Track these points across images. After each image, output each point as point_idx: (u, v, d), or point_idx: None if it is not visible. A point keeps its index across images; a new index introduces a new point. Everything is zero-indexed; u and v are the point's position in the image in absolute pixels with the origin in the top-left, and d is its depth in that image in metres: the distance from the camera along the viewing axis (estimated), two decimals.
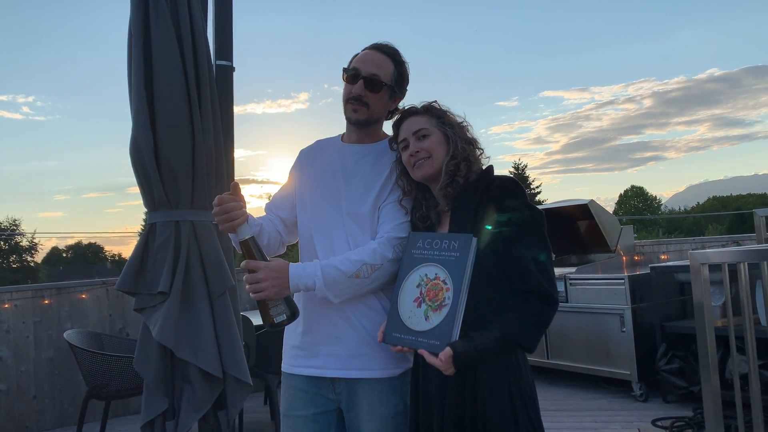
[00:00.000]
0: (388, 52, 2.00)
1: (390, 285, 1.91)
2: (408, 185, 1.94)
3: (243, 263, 1.79)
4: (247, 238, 1.79)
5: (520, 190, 1.77)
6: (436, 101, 1.94)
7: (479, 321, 1.66)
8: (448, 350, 1.61)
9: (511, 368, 1.71)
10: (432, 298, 1.70)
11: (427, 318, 1.69)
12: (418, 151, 1.86)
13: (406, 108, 1.97)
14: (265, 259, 1.80)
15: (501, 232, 1.70)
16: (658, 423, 4.28)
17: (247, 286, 1.78)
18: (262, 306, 1.78)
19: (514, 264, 1.69)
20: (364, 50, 2.02)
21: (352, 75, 1.96)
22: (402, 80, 2.03)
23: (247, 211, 1.90)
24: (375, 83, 1.95)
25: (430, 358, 1.63)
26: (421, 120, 1.89)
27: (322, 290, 1.80)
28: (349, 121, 2.01)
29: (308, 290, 1.81)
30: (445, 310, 1.66)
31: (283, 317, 1.78)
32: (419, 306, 1.72)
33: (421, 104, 1.94)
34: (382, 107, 2.00)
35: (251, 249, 1.79)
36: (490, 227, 1.71)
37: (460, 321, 1.63)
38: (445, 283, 1.68)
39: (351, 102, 1.96)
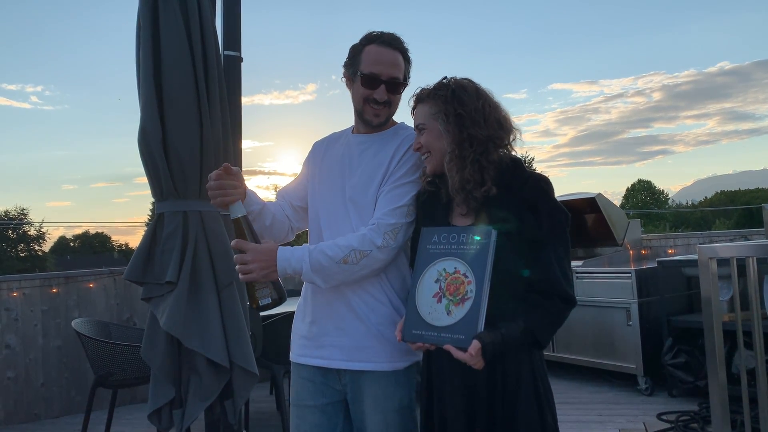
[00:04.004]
0: (398, 48, 1.96)
1: (391, 272, 1.92)
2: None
3: (233, 242, 1.78)
4: (239, 216, 1.79)
5: (552, 190, 1.75)
6: (446, 77, 1.82)
7: (498, 317, 1.64)
8: (476, 343, 1.57)
9: (536, 364, 1.72)
10: (453, 293, 1.65)
11: (449, 313, 1.65)
12: (419, 147, 1.84)
13: (416, 92, 1.87)
14: (256, 241, 1.79)
15: (531, 233, 1.69)
16: (664, 417, 4.27)
17: (236, 267, 1.77)
18: (249, 288, 1.79)
19: (539, 266, 1.68)
20: (369, 45, 1.95)
21: (371, 79, 1.92)
22: (408, 70, 2.00)
23: (251, 189, 1.91)
24: (397, 86, 1.95)
25: (457, 354, 1.59)
26: (424, 109, 1.82)
27: (309, 275, 1.79)
28: (370, 125, 1.98)
29: (296, 274, 1.80)
30: (468, 304, 1.62)
31: (268, 300, 1.77)
32: (439, 301, 1.67)
33: (431, 86, 1.83)
34: (398, 103, 2.00)
35: (242, 228, 1.79)
36: (519, 228, 1.69)
37: (484, 313, 1.60)
38: (466, 276, 1.64)
39: (373, 105, 1.94)
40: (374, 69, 1.92)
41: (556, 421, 1.74)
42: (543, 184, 1.74)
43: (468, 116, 1.74)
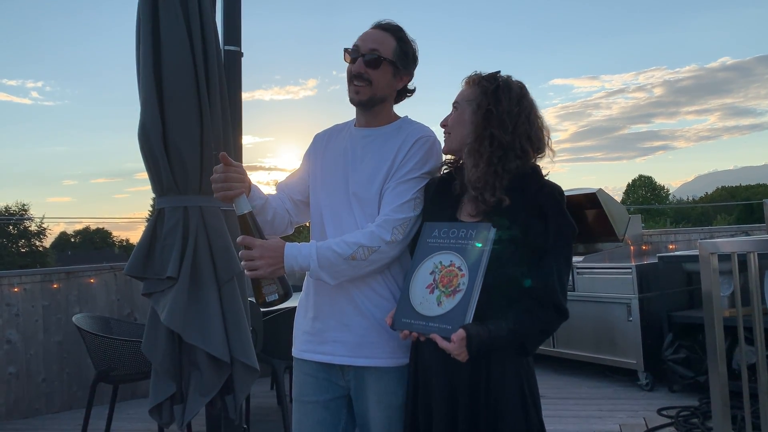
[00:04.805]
0: (389, 29, 1.97)
1: (394, 268, 1.91)
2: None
3: (239, 239, 1.77)
4: (245, 212, 1.78)
5: (564, 202, 1.75)
6: (499, 72, 1.81)
7: (492, 316, 1.63)
8: (461, 332, 1.56)
9: (522, 366, 1.71)
10: (446, 284, 1.66)
11: (439, 303, 1.65)
12: (445, 124, 1.84)
13: (471, 74, 1.86)
14: (261, 237, 1.78)
15: (535, 240, 1.68)
16: (664, 412, 4.27)
17: (242, 263, 1.77)
18: (255, 284, 1.78)
19: (539, 273, 1.67)
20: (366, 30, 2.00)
21: (353, 54, 1.94)
22: (406, 57, 1.97)
23: (255, 184, 1.90)
24: (375, 60, 1.92)
25: (442, 343, 1.59)
26: (466, 92, 1.82)
27: (317, 271, 1.78)
28: (352, 102, 1.97)
29: (303, 271, 1.80)
30: (459, 296, 1.62)
31: (275, 296, 1.77)
32: (432, 292, 1.68)
33: (483, 74, 1.82)
34: (385, 84, 1.95)
35: (248, 224, 1.78)
36: (524, 235, 1.68)
37: (474, 306, 1.59)
38: (460, 270, 1.65)
39: (353, 81, 1.93)
40: (356, 43, 1.95)
41: (541, 420, 1.73)
42: (557, 194, 1.74)
43: (497, 116, 1.73)
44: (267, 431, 4.37)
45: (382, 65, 1.92)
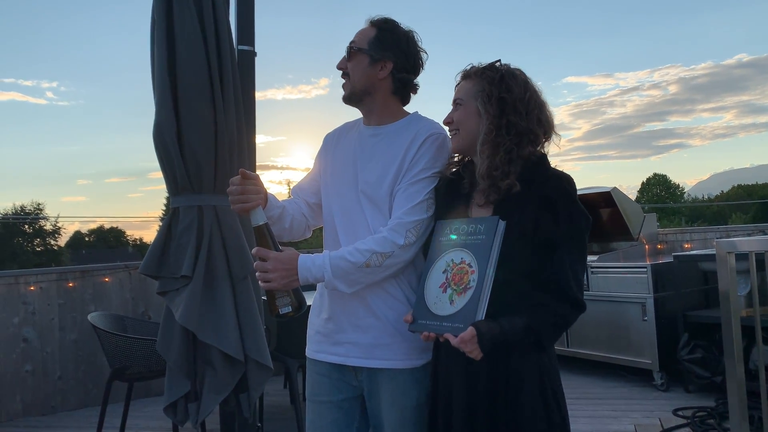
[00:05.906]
0: (374, 22, 1.96)
1: (408, 269, 1.89)
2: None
3: (254, 250, 1.77)
4: (261, 224, 1.78)
5: (575, 190, 1.70)
6: (499, 61, 1.78)
7: (505, 313, 1.61)
8: (471, 330, 1.54)
9: (542, 361, 1.68)
10: (457, 282, 1.65)
11: (452, 302, 1.64)
12: (449, 122, 1.81)
13: (465, 68, 1.84)
14: (276, 248, 1.77)
15: (546, 233, 1.64)
16: (680, 413, 4.24)
17: (257, 274, 1.76)
18: (269, 295, 1.77)
19: (552, 267, 1.64)
20: None
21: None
22: (380, 43, 1.92)
23: (271, 193, 1.90)
24: (349, 51, 1.95)
25: (454, 342, 1.57)
26: (467, 86, 1.78)
27: (332, 282, 1.77)
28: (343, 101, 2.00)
29: (317, 282, 1.79)
30: (469, 293, 1.60)
31: (288, 309, 1.76)
32: (444, 291, 1.67)
33: (480, 65, 1.79)
34: (361, 75, 1.93)
35: (264, 236, 1.77)
36: (534, 228, 1.65)
37: (485, 303, 1.58)
38: (470, 266, 1.63)
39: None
40: None
41: (565, 421, 1.70)
42: (566, 183, 1.70)
43: (510, 103, 1.70)
44: (280, 430, 4.39)
45: (353, 55, 1.94)
